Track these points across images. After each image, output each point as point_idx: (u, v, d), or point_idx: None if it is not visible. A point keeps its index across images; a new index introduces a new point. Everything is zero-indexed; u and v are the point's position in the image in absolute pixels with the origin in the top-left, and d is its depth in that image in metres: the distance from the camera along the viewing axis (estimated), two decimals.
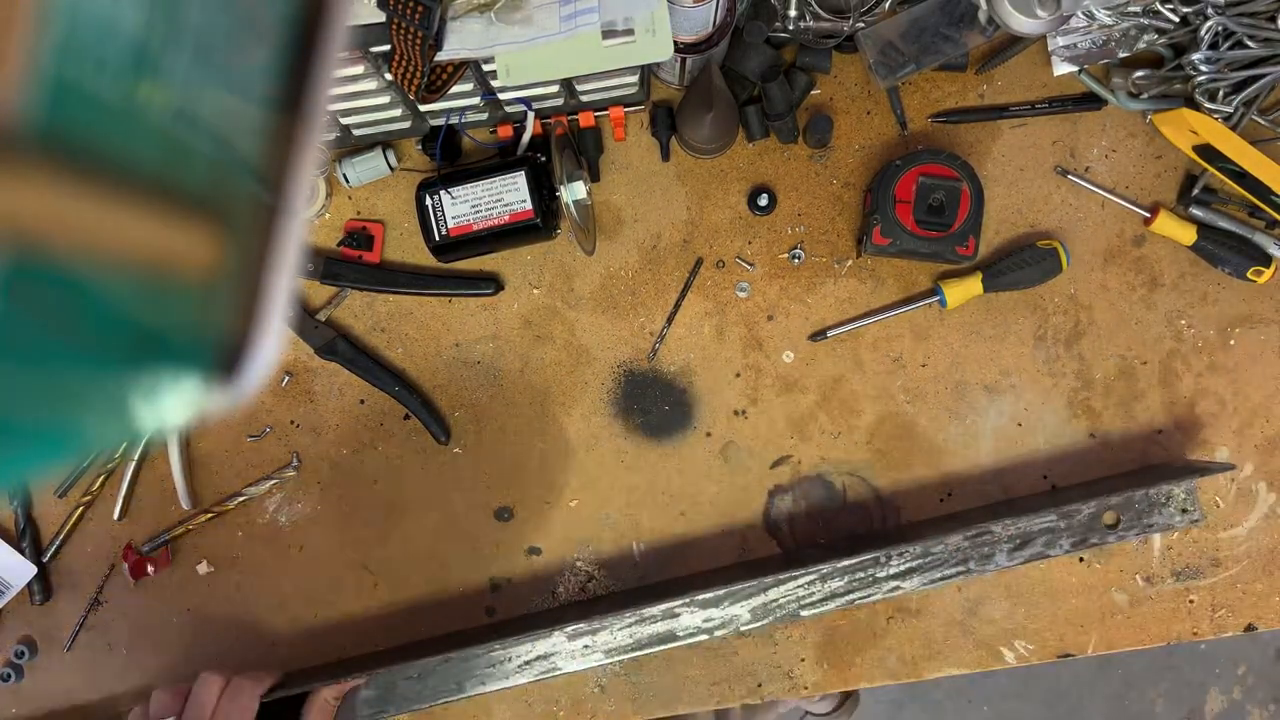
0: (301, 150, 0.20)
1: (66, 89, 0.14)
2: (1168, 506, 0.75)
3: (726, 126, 0.74)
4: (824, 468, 0.81)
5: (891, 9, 0.75)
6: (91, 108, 0.15)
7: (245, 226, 0.20)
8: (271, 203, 0.20)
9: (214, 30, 0.18)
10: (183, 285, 0.19)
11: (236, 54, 0.19)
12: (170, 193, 0.18)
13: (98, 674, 0.81)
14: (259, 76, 0.19)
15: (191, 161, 0.18)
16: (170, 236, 0.18)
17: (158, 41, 0.16)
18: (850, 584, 0.74)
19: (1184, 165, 0.80)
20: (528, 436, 0.81)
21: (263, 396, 0.81)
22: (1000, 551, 0.74)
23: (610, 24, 0.63)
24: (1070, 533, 0.75)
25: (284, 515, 0.81)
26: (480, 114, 0.75)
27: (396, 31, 0.59)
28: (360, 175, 0.78)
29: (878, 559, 0.74)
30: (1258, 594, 0.81)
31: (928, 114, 0.80)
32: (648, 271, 0.81)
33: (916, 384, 0.81)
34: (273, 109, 0.20)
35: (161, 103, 0.17)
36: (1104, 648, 0.81)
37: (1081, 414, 0.81)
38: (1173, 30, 0.75)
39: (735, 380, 0.81)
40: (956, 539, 0.74)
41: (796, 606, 0.74)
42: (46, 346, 0.16)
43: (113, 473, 0.80)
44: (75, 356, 0.17)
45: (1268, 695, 1.76)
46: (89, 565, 0.81)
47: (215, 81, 0.19)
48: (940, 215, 0.74)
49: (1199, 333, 0.81)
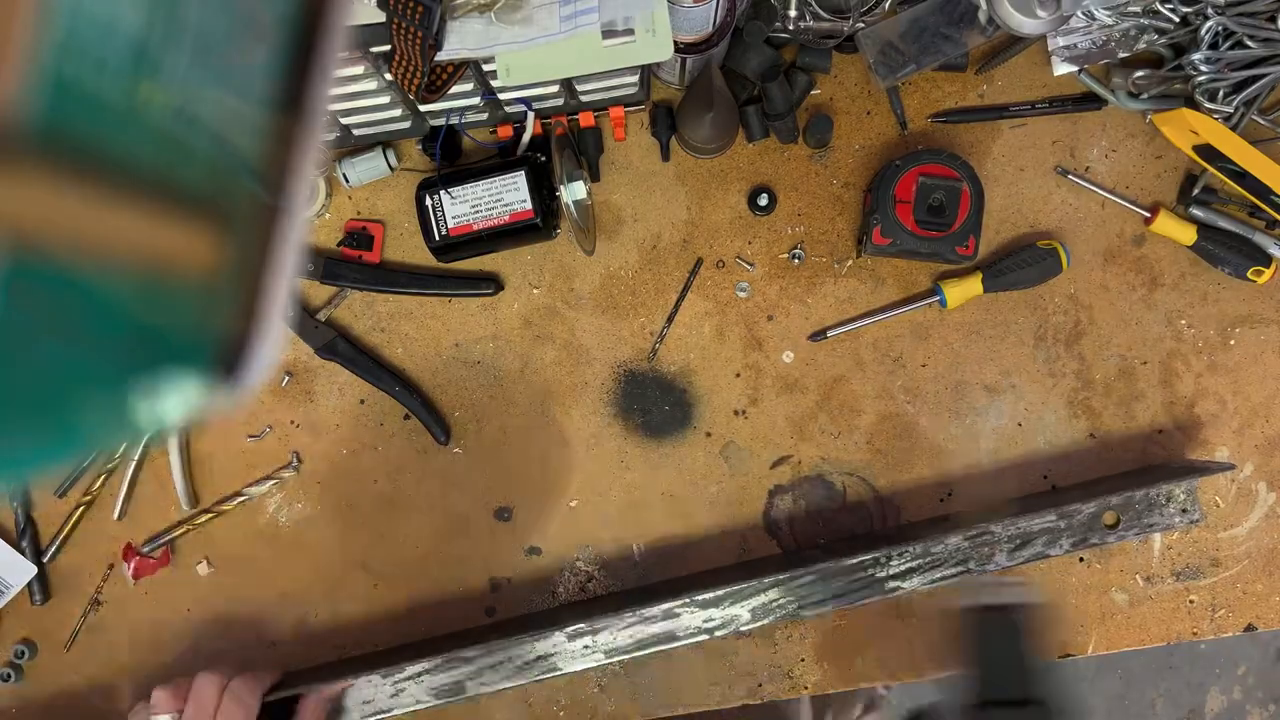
0: (301, 150, 0.20)
1: (67, 89, 0.14)
2: (1168, 507, 0.75)
3: (726, 126, 0.74)
4: (824, 468, 0.81)
5: (891, 9, 0.75)
6: (92, 107, 0.15)
7: (245, 226, 0.20)
8: (271, 203, 0.20)
9: (214, 30, 0.18)
10: (183, 285, 0.19)
11: (236, 54, 0.19)
12: (170, 193, 0.18)
13: (98, 674, 0.81)
14: (259, 76, 0.19)
15: (191, 161, 0.18)
16: (170, 236, 0.18)
17: (158, 41, 0.16)
18: (849, 584, 0.74)
19: (1184, 165, 0.80)
20: (528, 436, 0.81)
21: (263, 396, 0.81)
22: (1000, 551, 0.74)
23: (610, 24, 0.63)
24: (1070, 533, 0.75)
25: (284, 515, 0.81)
26: (480, 114, 0.75)
27: (396, 31, 0.59)
28: (360, 175, 0.78)
29: (878, 559, 0.74)
30: (1258, 594, 0.81)
31: (928, 114, 0.80)
32: (648, 271, 0.81)
33: (916, 384, 0.81)
34: (273, 109, 0.20)
35: (161, 102, 0.17)
36: (1104, 648, 0.81)
37: (1081, 414, 0.81)
38: (1173, 30, 0.75)
39: (735, 380, 0.81)
40: (956, 539, 0.74)
41: (796, 606, 0.74)
42: (46, 346, 0.16)
43: (113, 473, 0.80)
44: (75, 356, 0.17)
45: (1268, 695, 1.76)
46: (89, 565, 0.81)
47: (215, 81, 0.19)
48: (940, 215, 0.75)
49: (1199, 333, 0.81)
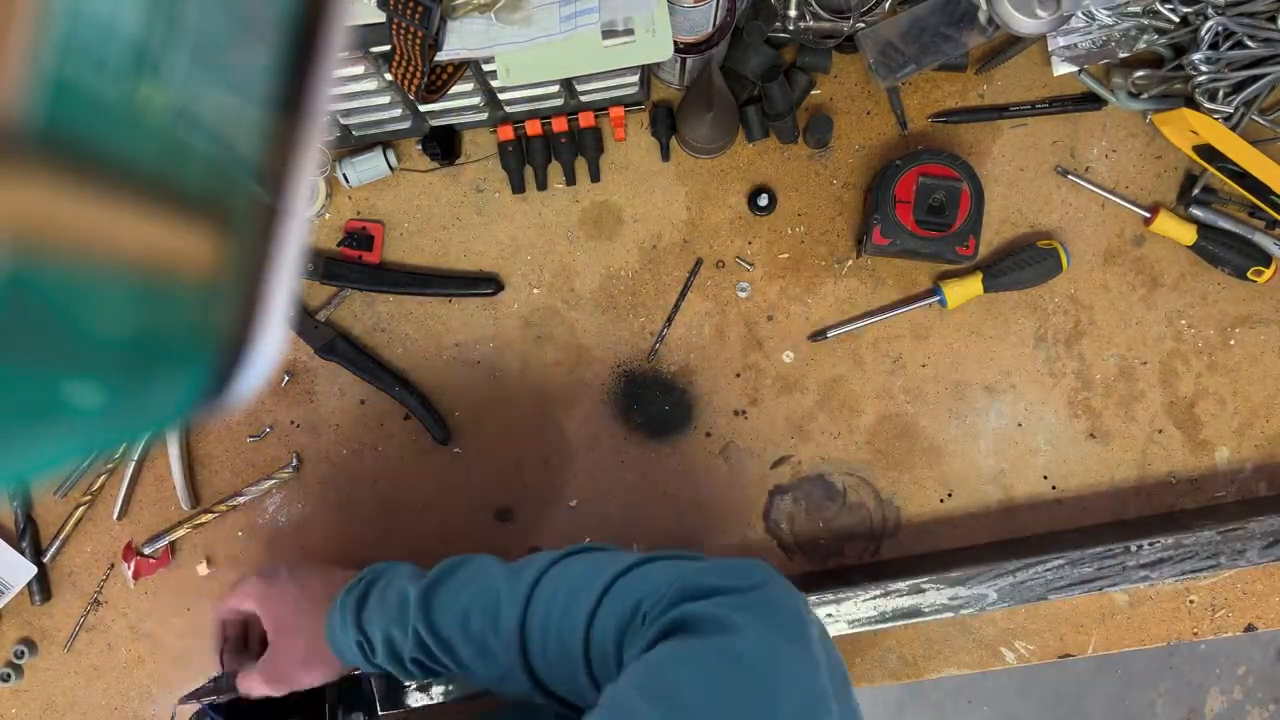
0: (301, 150, 0.20)
1: (66, 89, 0.14)
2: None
3: (726, 126, 0.74)
4: (824, 468, 0.81)
5: (891, 9, 0.75)
6: (91, 108, 0.15)
7: (245, 227, 0.20)
8: (271, 203, 0.20)
9: (214, 30, 0.18)
10: (183, 285, 0.19)
11: (236, 54, 0.19)
12: (170, 193, 0.18)
13: (98, 674, 0.81)
14: (259, 76, 0.19)
15: (191, 161, 0.18)
16: (170, 237, 0.18)
17: (158, 41, 0.16)
18: (1099, 570, 0.73)
19: (1184, 165, 0.80)
20: (528, 436, 0.81)
21: (263, 396, 0.81)
22: (1253, 548, 0.75)
23: (610, 24, 0.63)
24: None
25: (284, 515, 0.81)
26: (480, 114, 0.75)
27: (396, 31, 0.59)
28: (360, 175, 0.78)
29: (1128, 547, 0.74)
30: (1258, 594, 0.81)
31: (928, 114, 0.80)
32: (648, 271, 0.81)
33: (916, 384, 0.81)
34: (273, 109, 0.20)
35: (161, 103, 0.17)
36: (1104, 648, 0.81)
37: (1081, 414, 0.81)
38: (1173, 30, 0.75)
39: (735, 380, 0.81)
40: (1210, 532, 0.74)
41: (1045, 589, 0.74)
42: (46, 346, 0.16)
43: (113, 473, 0.80)
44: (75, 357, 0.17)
45: (1268, 695, 1.76)
46: (89, 565, 0.81)
47: (215, 81, 0.19)
48: (940, 215, 0.74)
49: (1199, 333, 0.81)
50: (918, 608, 0.75)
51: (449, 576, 0.62)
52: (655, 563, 0.56)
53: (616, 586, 0.55)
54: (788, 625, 0.50)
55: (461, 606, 0.59)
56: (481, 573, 0.61)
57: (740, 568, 0.54)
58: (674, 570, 0.54)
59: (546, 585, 0.57)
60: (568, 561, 0.59)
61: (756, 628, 0.48)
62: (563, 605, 0.56)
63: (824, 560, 0.81)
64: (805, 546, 0.81)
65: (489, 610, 0.58)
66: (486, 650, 0.58)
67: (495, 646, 0.58)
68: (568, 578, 0.57)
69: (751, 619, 0.48)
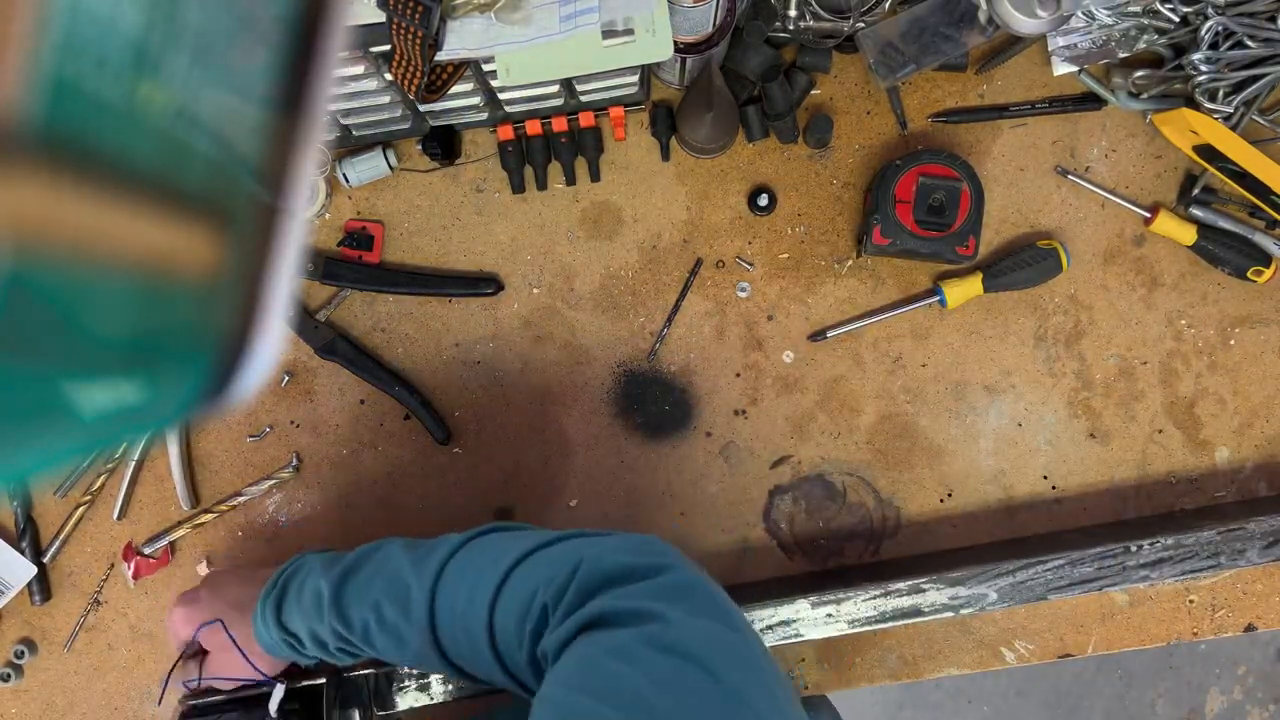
0: (301, 150, 0.20)
1: (66, 89, 0.14)
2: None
3: (726, 126, 0.74)
4: (824, 468, 0.81)
5: (891, 9, 0.75)
6: (92, 107, 0.15)
7: (245, 226, 0.20)
8: (271, 203, 0.20)
9: (214, 30, 0.18)
10: (183, 285, 0.19)
11: (236, 54, 0.19)
12: (170, 193, 0.18)
13: (98, 674, 0.81)
14: (259, 76, 0.19)
15: (191, 161, 0.18)
16: (170, 237, 0.18)
17: (158, 41, 0.16)
18: (1099, 570, 0.73)
19: (1184, 165, 0.80)
20: (528, 436, 0.81)
21: (263, 396, 0.81)
22: (1253, 548, 0.75)
23: (610, 24, 0.63)
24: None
25: (284, 515, 0.81)
26: (480, 114, 0.75)
27: (396, 31, 0.59)
28: (360, 175, 0.78)
29: (1128, 547, 0.73)
30: (1258, 594, 0.81)
31: (928, 114, 0.80)
32: (648, 271, 0.81)
33: (916, 384, 0.81)
34: (273, 109, 0.20)
35: (162, 102, 0.17)
36: (1104, 648, 0.81)
37: (1081, 414, 0.81)
38: (1173, 30, 0.75)
39: (735, 380, 0.81)
40: (1210, 532, 0.74)
41: (1045, 589, 0.74)
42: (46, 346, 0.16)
43: (113, 473, 0.80)
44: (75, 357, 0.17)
45: (1268, 695, 1.76)
46: (89, 565, 0.81)
47: (215, 81, 0.19)
48: (940, 215, 0.74)
49: (1199, 333, 0.81)
50: (918, 608, 0.75)
51: (359, 568, 0.62)
52: (553, 547, 0.56)
53: (514, 576, 0.55)
54: (707, 605, 0.50)
55: (373, 599, 0.60)
56: (391, 559, 0.61)
57: (642, 542, 0.54)
58: (572, 552, 0.54)
59: (451, 573, 0.58)
60: (470, 547, 0.59)
61: (677, 613, 0.47)
62: (466, 596, 0.56)
63: (824, 560, 0.81)
64: (805, 546, 0.81)
65: (400, 599, 0.58)
66: (402, 639, 0.59)
67: (409, 635, 0.58)
68: (469, 567, 0.57)
69: (668, 606, 0.48)
